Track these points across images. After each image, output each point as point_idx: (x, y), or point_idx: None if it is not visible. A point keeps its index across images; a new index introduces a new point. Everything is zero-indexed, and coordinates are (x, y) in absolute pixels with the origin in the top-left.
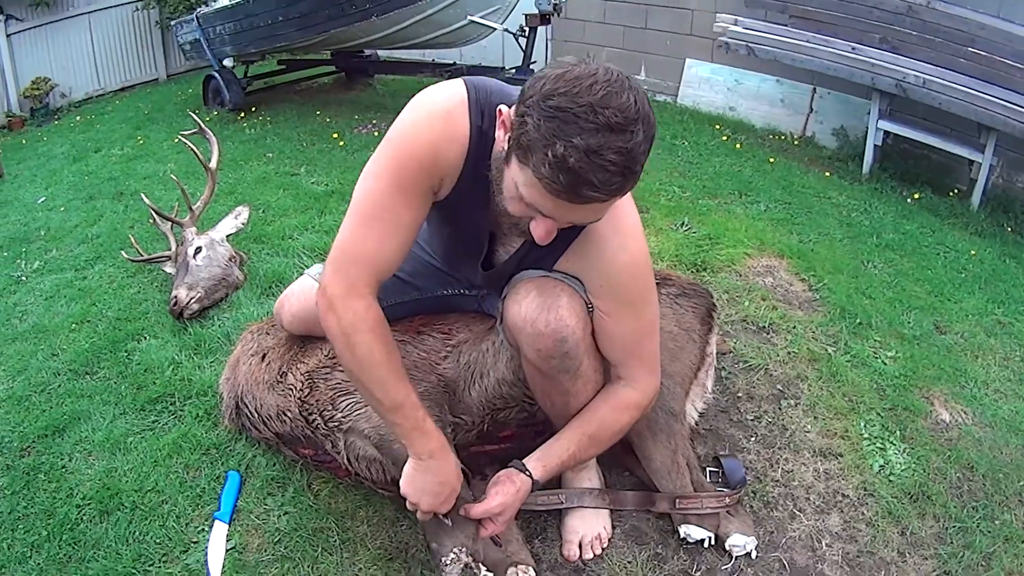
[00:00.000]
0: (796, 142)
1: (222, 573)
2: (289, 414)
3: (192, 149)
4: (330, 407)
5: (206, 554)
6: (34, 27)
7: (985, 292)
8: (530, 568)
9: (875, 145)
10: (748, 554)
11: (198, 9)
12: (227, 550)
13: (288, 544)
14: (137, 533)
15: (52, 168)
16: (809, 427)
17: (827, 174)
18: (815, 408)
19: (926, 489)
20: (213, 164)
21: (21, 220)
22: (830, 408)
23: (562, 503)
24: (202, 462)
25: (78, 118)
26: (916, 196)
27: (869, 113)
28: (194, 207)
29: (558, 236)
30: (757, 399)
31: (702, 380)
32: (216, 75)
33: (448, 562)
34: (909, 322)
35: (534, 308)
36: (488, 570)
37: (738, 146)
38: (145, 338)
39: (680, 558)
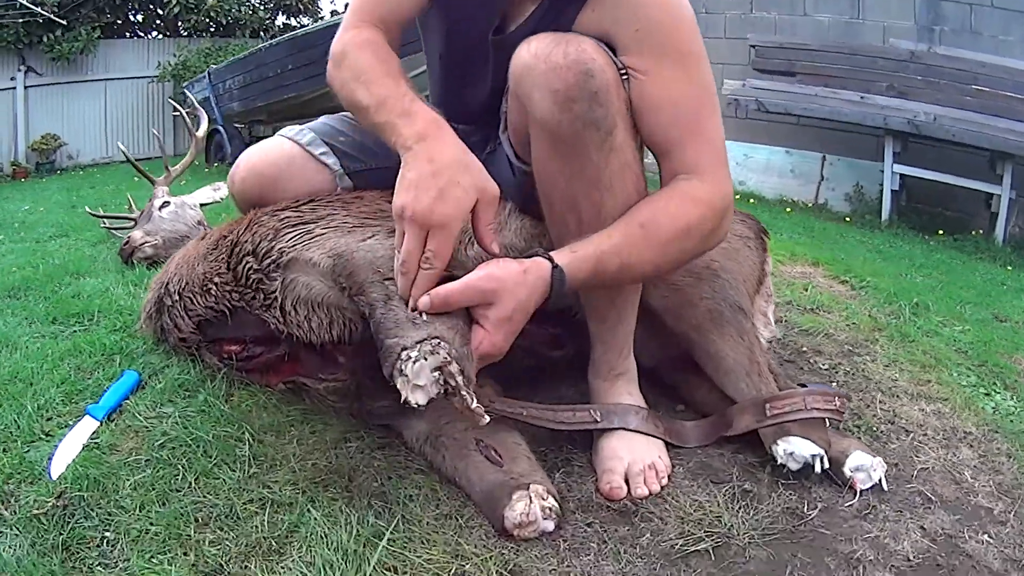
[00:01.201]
0: (809, 208)
1: (67, 469)
2: (217, 279)
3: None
4: (269, 241)
5: (55, 448)
6: (52, 84)
7: None
8: (549, 494)
9: (892, 191)
10: (877, 485)
11: (210, 67)
12: (85, 446)
13: (173, 450)
14: None
15: (45, 194)
16: (896, 376)
17: (846, 219)
18: (896, 363)
19: None
20: (200, 133)
21: (1, 213)
22: (912, 362)
23: (596, 422)
24: (99, 365)
25: (82, 172)
26: (940, 233)
27: (883, 159)
28: (171, 168)
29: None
30: (827, 354)
31: (764, 301)
32: (220, 129)
33: (413, 356)
34: (966, 312)
35: (548, 43)
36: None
37: (752, 201)
38: (85, 277)
39: (780, 495)
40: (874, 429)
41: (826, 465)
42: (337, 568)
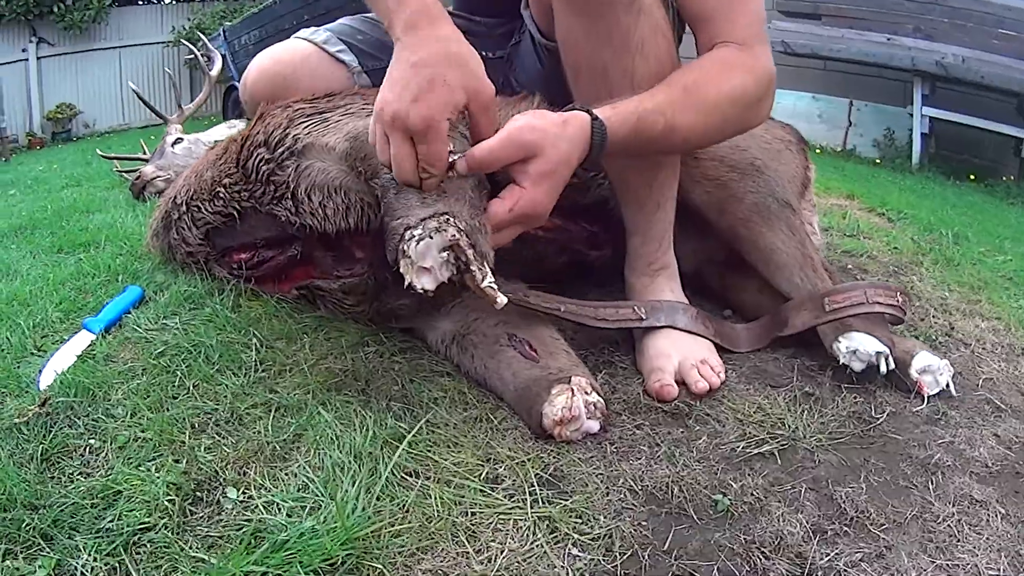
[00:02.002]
0: (838, 153)
1: (56, 378)
2: (226, 180)
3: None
4: (283, 130)
5: (46, 361)
6: (65, 54)
7: None
8: (593, 389)
9: (922, 134)
10: (945, 391)
11: (225, 24)
12: (78, 356)
13: (173, 357)
14: None
15: (59, 156)
16: (946, 295)
17: (876, 161)
18: (944, 283)
19: None
20: (213, 73)
21: (15, 174)
22: (960, 284)
23: (641, 319)
24: (101, 286)
25: (98, 139)
26: (970, 178)
27: (912, 102)
28: (184, 106)
29: None
30: (872, 273)
31: (809, 211)
32: (237, 85)
33: (417, 234)
34: (1006, 246)
35: None
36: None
37: None
38: (94, 214)
39: (844, 398)
40: (932, 339)
41: (891, 365)
42: (348, 470)
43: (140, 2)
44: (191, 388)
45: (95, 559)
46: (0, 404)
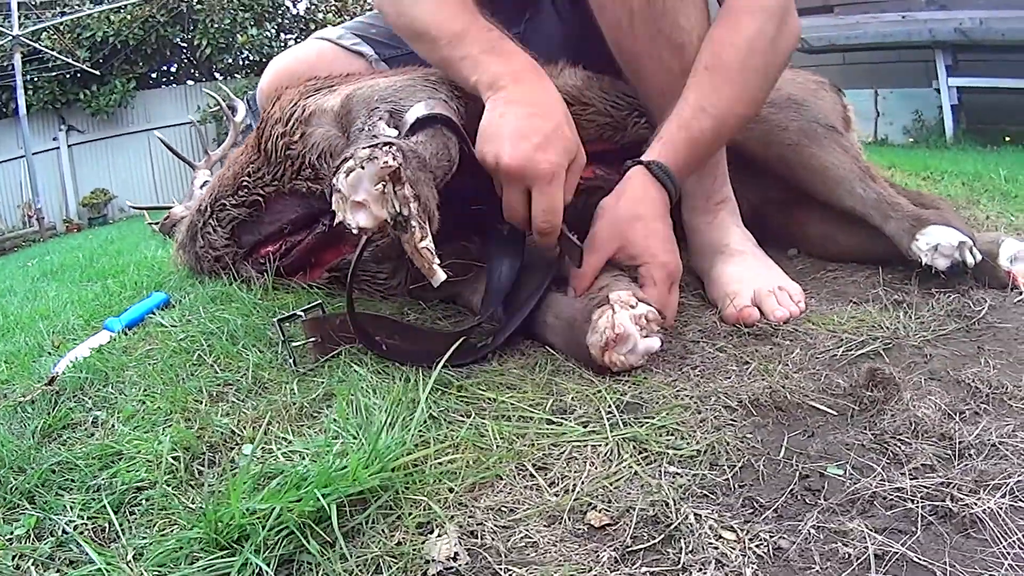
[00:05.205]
0: (869, 144)
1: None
2: (250, 169)
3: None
4: (293, 104)
5: (63, 356)
6: (95, 140)
7: None
8: (639, 301)
9: (952, 106)
10: None
11: (248, 94)
12: (93, 349)
13: (194, 340)
14: None
15: (98, 235)
16: (1012, 219)
17: (911, 140)
18: (1006, 212)
19: None
20: (238, 119)
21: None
22: (1022, 211)
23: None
24: (126, 300)
25: (135, 219)
26: (1007, 139)
27: (937, 77)
28: (211, 152)
29: None
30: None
31: (854, 143)
32: None
33: (347, 165)
34: None
35: None
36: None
37: None
38: (125, 255)
39: (937, 300)
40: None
41: (978, 257)
42: (386, 414)
43: (163, 85)
44: (211, 364)
45: (81, 517)
46: (10, 391)
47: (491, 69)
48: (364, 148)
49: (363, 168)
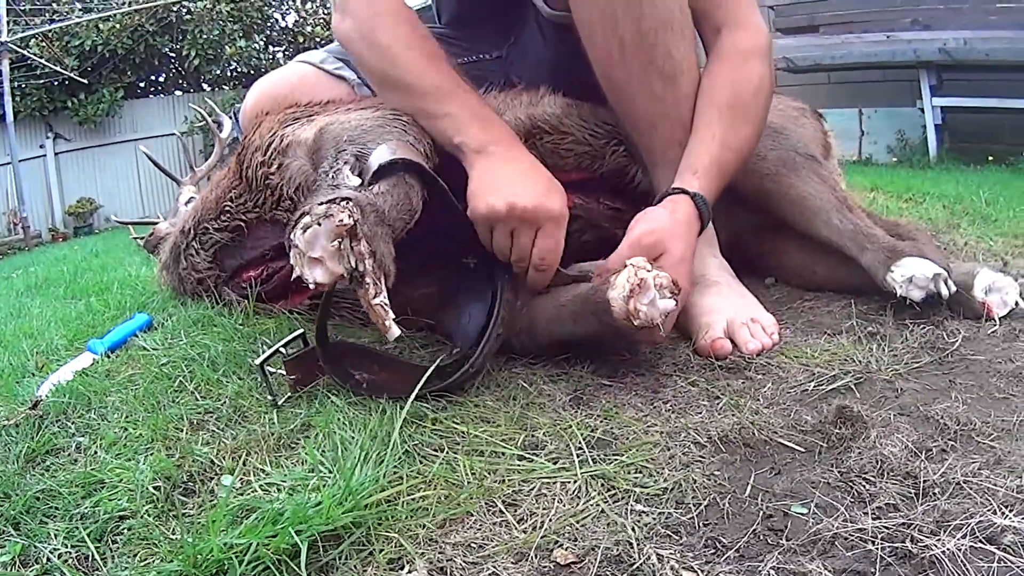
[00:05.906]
0: (853, 164)
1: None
2: (232, 194)
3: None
4: (272, 133)
5: (46, 379)
6: (82, 149)
7: None
8: (652, 266)
9: (935, 126)
10: (1015, 310)
11: (235, 106)
12: (77, 372)
13: (175, 366)
14: None
15: (83, 244)
16: (990, 245)
17: (894, 159)
18: (985, 236)
19: None
20: (224, 134)
21: (37, 254)
22: (1002, 235)
23: None
24: (110, 320)
25: (119, 232)
26: (990, 159)
27: (921, 97)
28: (197, 169)
29: None
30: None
31: (837, 176)
32: None
33: (304, 221)
34: None
35: None
36: None
37: None
38: (110, 271)
39: (911, 332)
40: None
41: (952, 288)
42: (361, 447)
43: (151, 95)
44: (192, 391)
45: (65, 545)
46: None
47: (478, 136)
48: (321, 204)
49: (319, 225)
